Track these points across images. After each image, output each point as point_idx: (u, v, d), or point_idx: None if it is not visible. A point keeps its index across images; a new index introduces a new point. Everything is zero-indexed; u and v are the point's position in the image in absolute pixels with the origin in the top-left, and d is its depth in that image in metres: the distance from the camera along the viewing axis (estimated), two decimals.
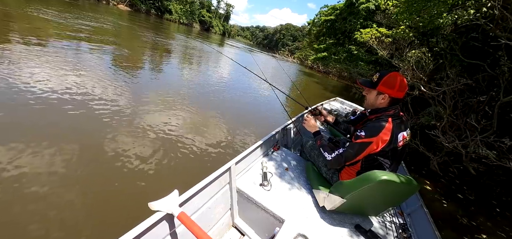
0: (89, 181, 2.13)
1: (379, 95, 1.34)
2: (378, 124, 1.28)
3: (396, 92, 1.29)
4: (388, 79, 1.30)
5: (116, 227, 1.78)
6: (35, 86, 3.42)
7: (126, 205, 2.02)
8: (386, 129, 1.25)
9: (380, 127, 1.26)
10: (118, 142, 2.78)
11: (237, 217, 1.55)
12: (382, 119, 1.29)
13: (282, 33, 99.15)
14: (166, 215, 0.99)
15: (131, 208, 1.98)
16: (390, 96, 1.31)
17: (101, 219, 1.83)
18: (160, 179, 2.45)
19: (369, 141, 1.25)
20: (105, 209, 1.92)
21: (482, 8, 3.50)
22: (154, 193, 2.22)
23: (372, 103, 1.40)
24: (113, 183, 2.20)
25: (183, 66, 8.83)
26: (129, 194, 2.14)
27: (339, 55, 23.03)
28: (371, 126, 1.30)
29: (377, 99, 1.36)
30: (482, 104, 3.84)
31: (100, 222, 1.81)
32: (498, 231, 3.15)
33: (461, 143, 3.53)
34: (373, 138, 1.25)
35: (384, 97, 1.32)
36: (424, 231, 1.57)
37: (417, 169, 4.36)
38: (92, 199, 1.96)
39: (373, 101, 1.38)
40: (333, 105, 4.43)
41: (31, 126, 2.61)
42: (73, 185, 2.03)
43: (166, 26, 28.25)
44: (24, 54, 4.49)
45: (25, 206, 1.74)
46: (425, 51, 4.46)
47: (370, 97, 1.40)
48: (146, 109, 3.87)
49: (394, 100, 1.32)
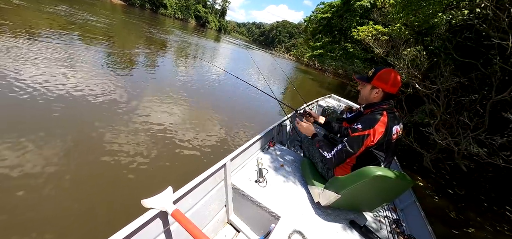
0: (78, 177, 2.08)
1: (373, 89, 1.39)
2: (373, 116, 1.32)
3: (389, 87, 1.34)
4: (383, 74, 1.35)
5: (107, 226, 1.75)
6: (25, 81, 3.32)
7: (118, 202, 1.99)
8: (381, 121, 1.28)
9: (375, 119, 1.29)
10: (109, 136, 2.73)
11: (232, 214, 1.54)
12: (377, 112, 1.33)
13: (279, 30, 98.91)
14: (159, 212, 0.97)
15: (123, 205, 1.95)
16: (383, 91, 1.36)
17: (91, 217, 1.79)
18: (153, 176, 2.42)
19: (367, 133, 1.28)
20: (95, 207, 1.88)
21: (475, 8, 3.55)
22: (146, 189, 2.20)
23: (366, 97, 1.45)
24: (103, 178, 2.16)
25: (178, 62, 8.72)
26: (121, 191, 2.10)
27: (335, 53, 23.13)
28: (367, 119, 1.33)
29: (371, 93, 1.40)
30: (474, 103, 3.90)
31: (90, 219, 1.77)
32: (486, 225, 3.26)
33: (453, 140, 3.59)
34: (369, 130, 1.28)
35: (378, 91, 1.37)
36: (417, 225, 1.60)
37: (409, 165, 4.43)
38: (82, 196, 1.92)
39: (367, 95, 1.43)
40: (328, 102, 4.44)
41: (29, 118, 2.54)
42: (62, 181, 1.99)
43: (161, 21, 27.81)
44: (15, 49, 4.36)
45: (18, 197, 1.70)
46: (421, 49, 4.51)
47: (365, 91, 1.45)
48: (138, 105, 3.81)
49: (387, 94, 1.37)
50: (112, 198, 2.01)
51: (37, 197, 1.79)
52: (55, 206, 1.77)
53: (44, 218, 1.66)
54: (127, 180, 2.23)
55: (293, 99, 8.40)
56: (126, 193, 2.10)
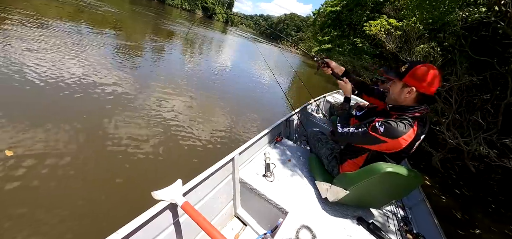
0: (89, 170, 2.12)
1: (404, 88, 1.15)
2: (401, 126, 1.09)
3: (425, 86, 1.09)
4: (418, 70, 1.10)
5: (116, 218, 1.79)
6: (35, 69, 3.39)
7: (128, 193, 2.03)
8: (408, 135, 1.09)
9: (402, 131, 1.08)
10: (118, 128, 2.77)
11: (240, 207, 1.56)
12: (407, 121, 1.11)
13: (286, 23, 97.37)
14: (169, 204, 0.99)
15: (133, 197, 1.99)
16: (417, 91, 1.11)
17: (103, 209, 1.83)
18: (163, 168, 2.46)
19: (384, 140, 1.12)
20: (105, 199, 1.92)
21: (494, 6, 3.41)
22: (155, 181, 2.24)
23: (395, 98, 1.21)
24: (114, 171, 2.19)
25: (187, 53, 8.73)
26: (131, 183, 2.14)
27: (344, 48, 22.67)
28: (392, 127, 1.10)
29: (402, 93, 1.16)
30: (487, 103, 3.80)
31: (101, 211, 1.81)
32: (492, 227, 3.22)
33: (463, 140, 3.53)
34: (389, 140, 1.11)
35: (410, 91, 1.12)
36: (425, 224, 1.58)
37: (415, 164, 4.39)
38: (93, 188, 1.96)
39: (397, 95, 1.19)
40: (336, 98, 4.38)
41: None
42: (71, 173, 2.04)
43: (167, 12, 27.72)
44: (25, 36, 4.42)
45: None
46: (435, 46, 4.38)
47: (394, 89, 1.21)
48: (147, 97, 3.84)
49: (422, 96, 1.13)
50: (122, 188, 2.06)
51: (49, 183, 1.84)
52: (61, 195, 1.82)
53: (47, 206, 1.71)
54: (137, 172, 2.28)
55: (299, 94, 8.34)
56: (135, 183, 2.15)
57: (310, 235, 1.18)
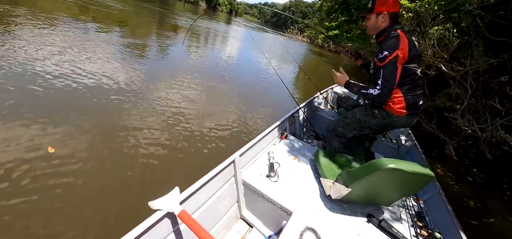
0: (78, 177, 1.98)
1: (378, 16, 1.44)
2: (392, 39, 1.34)
3: (392, 6, 1.41)
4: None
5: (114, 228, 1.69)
6: (43, 65, 3.46)
7: (123, 200, 1.89)
8: (401, 37, 1.33)
9: (396, 40, 1.33)
10: (116, 129, 2.71)
11: (245, 209, 1.55)
12: (392, 34, 1.37)
13: (292, 10, 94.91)
14: (167, 213, 0.97)
15: (130, 203, 1.88)
16: (388, 13, 1.41)
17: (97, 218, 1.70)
18: (161, 172, 2.38)
19: (395, 54, 1.30)
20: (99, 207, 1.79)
21: None
22: (153, 188, 2.10)
23: (374, 26, 1.49)
24: (111, 174, 2.09)
25: (193, 46, 8.69)
26: (125, 190, 2.00)
27: (352, 33, 21.89)
28: (388, 43, 1.34)
29: (378, 21, 1.45)
30: (505, 85, 3.58)
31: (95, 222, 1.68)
32: (507, 216, 3.11)
33: (479, 126, 3.37)
34: (396, 51, 1.30)
35: (383, 15, 1.42)
36: (441, 218, 1.50)
37: (427, 152, 4.25)
38: (84, 198, 1.84)
39: (374, 24, 1.48)
40: (344, 89, 4.28)
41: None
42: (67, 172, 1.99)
43: (171, 4, 27.55)
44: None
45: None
46: (450, 27, 4.13)
47: (371, 22, 1.49)
48: (145, 94, 3.85)
49: (393, 15, 1.42)
50: (119, 193, 1.98)
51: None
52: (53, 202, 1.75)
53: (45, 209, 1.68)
54: (133, 177, 2.24)
55: (305, 85, 8.17)
56: (129, 190, 2.02)
57: (315, 236, 1.15)
